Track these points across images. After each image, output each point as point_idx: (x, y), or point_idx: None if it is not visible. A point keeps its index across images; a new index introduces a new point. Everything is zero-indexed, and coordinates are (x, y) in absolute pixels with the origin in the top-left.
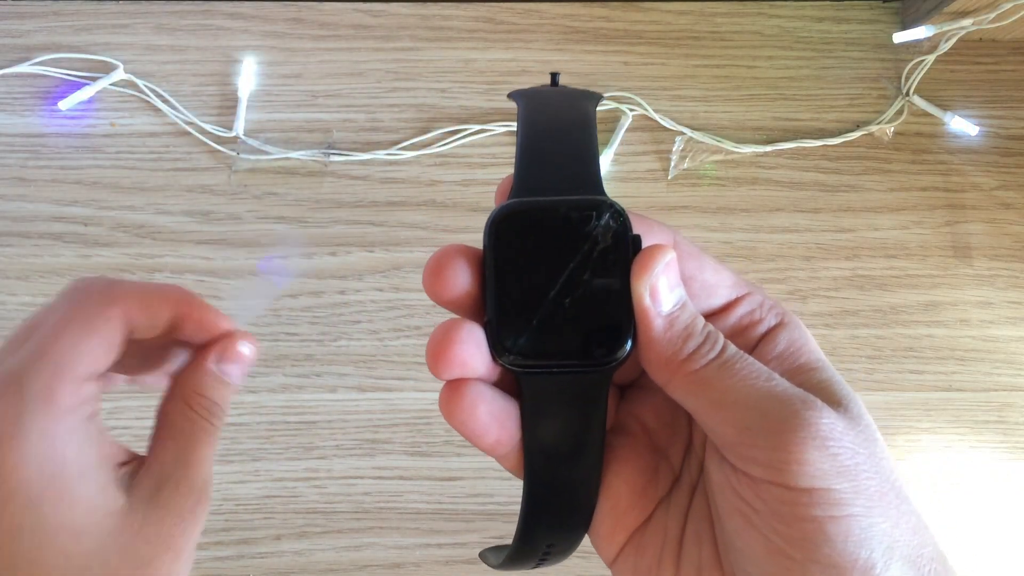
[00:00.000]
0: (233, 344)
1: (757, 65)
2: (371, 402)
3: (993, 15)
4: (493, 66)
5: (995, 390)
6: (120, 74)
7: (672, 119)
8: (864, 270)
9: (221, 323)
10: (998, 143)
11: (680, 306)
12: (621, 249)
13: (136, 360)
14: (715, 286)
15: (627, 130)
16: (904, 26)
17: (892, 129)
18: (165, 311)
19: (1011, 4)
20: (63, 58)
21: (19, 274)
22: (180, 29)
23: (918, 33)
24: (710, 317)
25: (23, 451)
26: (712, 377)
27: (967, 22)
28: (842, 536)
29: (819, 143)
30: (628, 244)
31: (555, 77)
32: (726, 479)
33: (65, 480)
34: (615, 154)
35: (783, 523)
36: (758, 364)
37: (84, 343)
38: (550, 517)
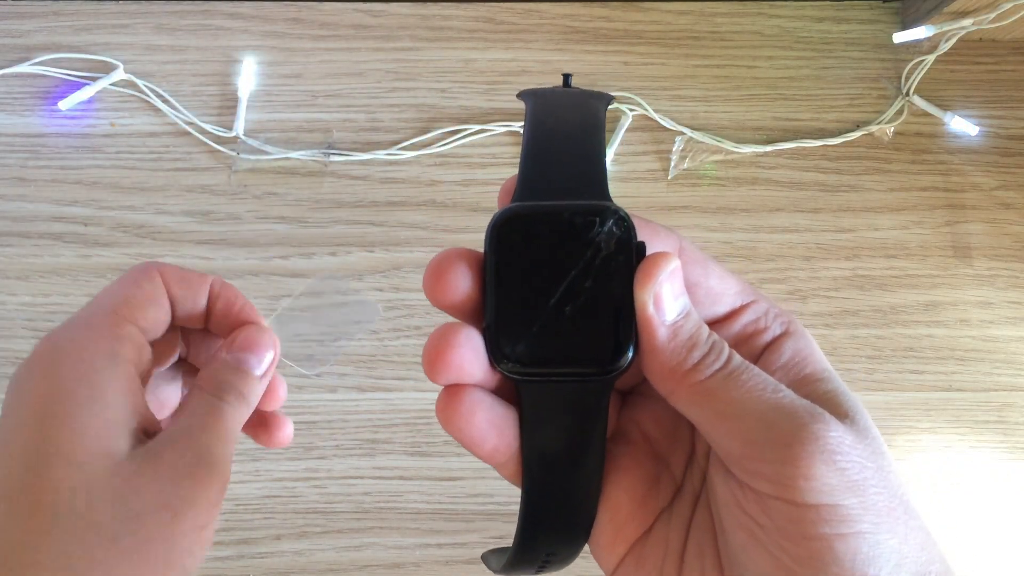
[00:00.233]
0: (247, 332)
1: (757, 65)
2: (371, 402)
3: (993, 15)
4: (493, 66)
5: (995, 390)
6: (120, 74)
7: (672, 119)
8: (864, 270)
9: (249, 312)
10: (998, 143)
11: (684, 315)
12: (625, 256)
13: (193, 350)
14: (720, 293)
15: (627, 130)
16: (904, 26)
17: (892, 129)
18: (202, 289)
19: (1011, 4)
20: (63, 58)
21: (19, 274)
22: (180, 29)
23: (918, 33)
24: (714, 325)
25: (55, 372)
26: (717, 388)
27: (967, 22)
28: (850, 555)
29: (819, 143)
30: (632, 251)
31: (567, 78)
32: (731, 494)
33: (81, 399)
34: (615, 154)
35: (790, 540)
36: (764, 375)
37: (125, 291)
38: (549, 526)
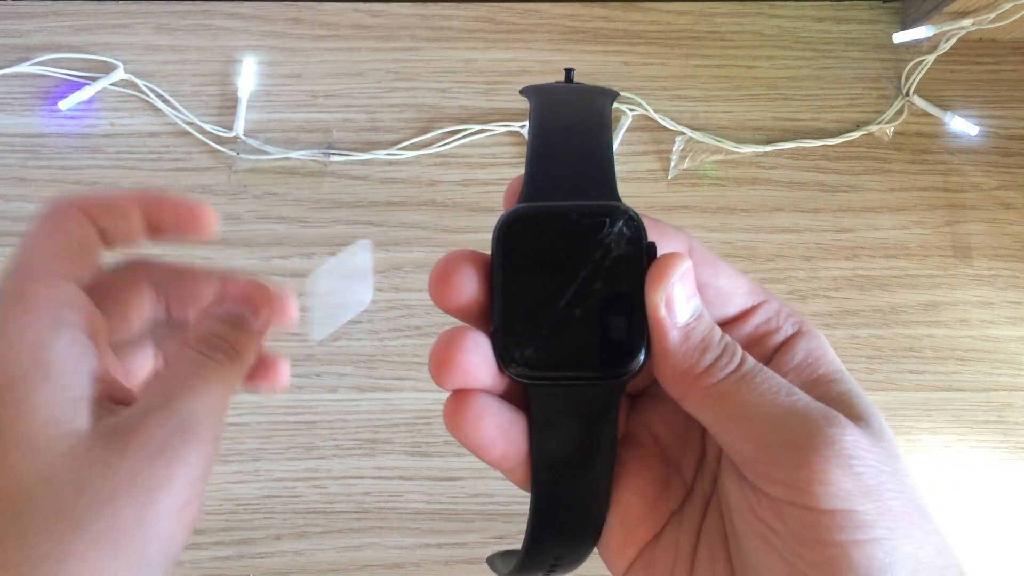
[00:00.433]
0: (243, 284)
1: (757, 65)
2: (371, 402)
3: (993, 15)
4: (493, 66)
5: (995, 390)
6: (120, 74)
7: (672, 119)
8: (864, 270)
9: (199, 213)
10: (998, 143)
11: (697, 317)
12: (635, 257)
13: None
14: (730, 293)
15: (627, 130)
16: (904, 26)
17: (892, 129)
18: (133, 210)
19: (1011, 4)
20: (63, 58)
21: None
22: (180, 29)
23: (918, 33)
24: (725, 325)
25: None
26: (730, 391)
27: (967, 22)
28: (866, 561)
29: (819, 143)
30: (642, 252)
31: (569, 73)
32: (744, 499)
33: (30, 380)
34: (615, 154)
35: (805, 547)
36: (778, 378)
37: (51, 243)
38: (558, 531)
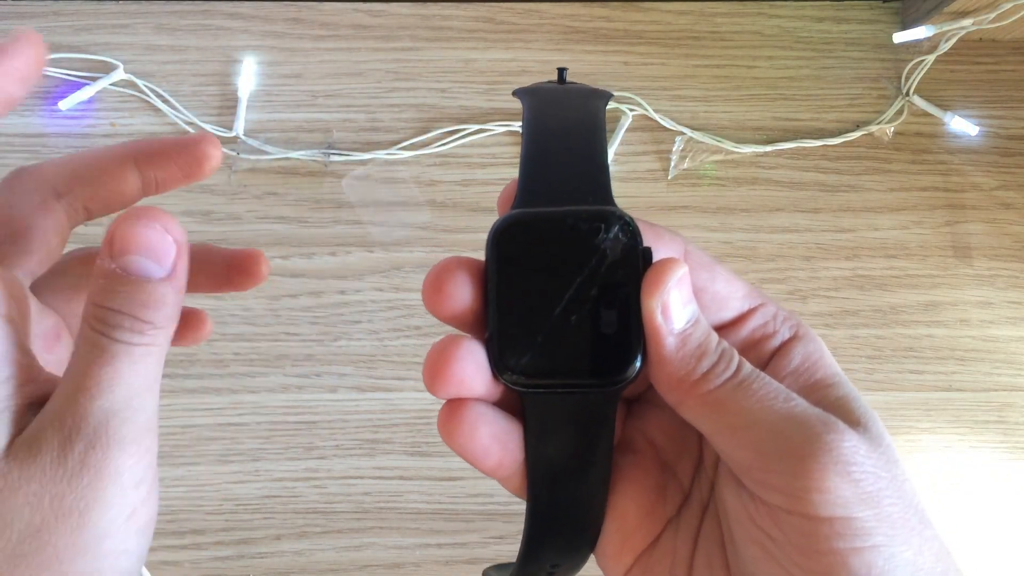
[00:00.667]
0: (125, 221)
1: (757, 65)
2: (371, 402)
3: (993, 15)
4: (493, 66)
5: (995, 390)
6: (120, 74)
7: (672, 119)
8: (864, 270)
9: (202, 150)
10: (998, 143)
11: (693, 323)
12: (631, 263)
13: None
14: (727, 298)
15: (627, 130)
16: (904, 26)
17: (892, 129)
18: (123, 173)
19: (1011, 4)
20: (63, 58)
21: None
22: (180, 29)
23: (918, 33)
24: (722, 330)
25: None
26: (727, 398)
27: (967, 22)
28: (865, 569)
29: (819, 143)
30: (638, 258)
31: (562, 73)
32: (742, 506)
33: None
34: (615, 154)
35: (803, 555)
36: (775, 383)
37: None
38: (554, 538)
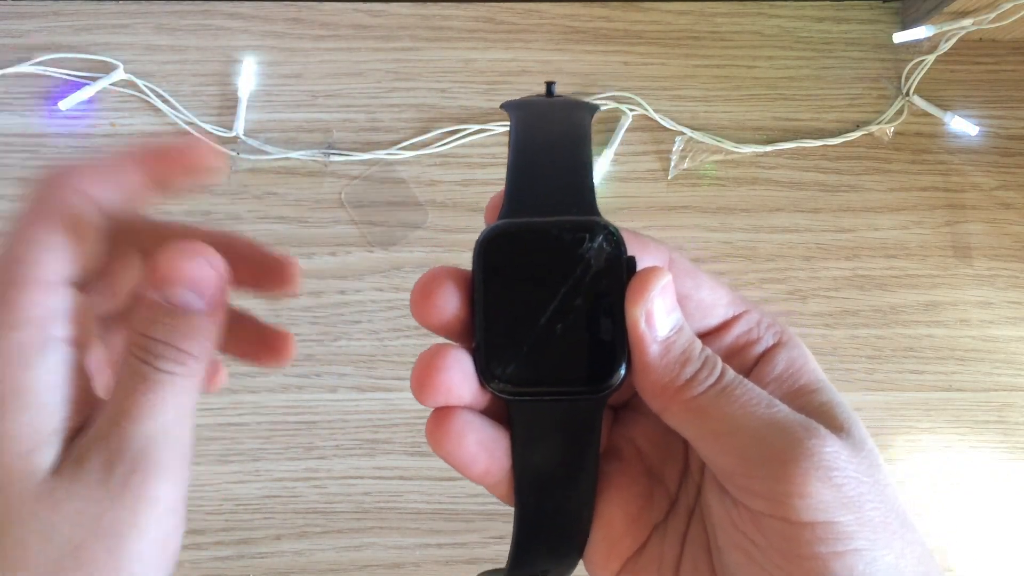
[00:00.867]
0: (171, 253)
1: (757, 65)
2: (371, 402)
3: (993, 15)
4: (493, 66)
5: (995, 390)
6: (120, 74)
7: (672, 119)
8: (864, 270)
9: (201, 155)
10: (998, 143)
11: (677, 331)
12: (615, 272)
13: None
14: (712, 305)
15: (627, 130)
16: (904, 26)
17: (892, 129)
18: (132, 172)
19: (1011, 4)
20: (63, 58)
21: None
22: (180, 29)
23: (918, 33)
24: (707, 336)
25: None
26: (710, 405)
27: (967, 22)
28: (846, 573)
29: (819, 143)
30: (622, 267)
31: (551, 87)
32: (726, 512)
33: (5, 408)
34: (615, 154)
35: (785, 559)
36: (758, 390)
37: (41, 235)
38: (542, 545)
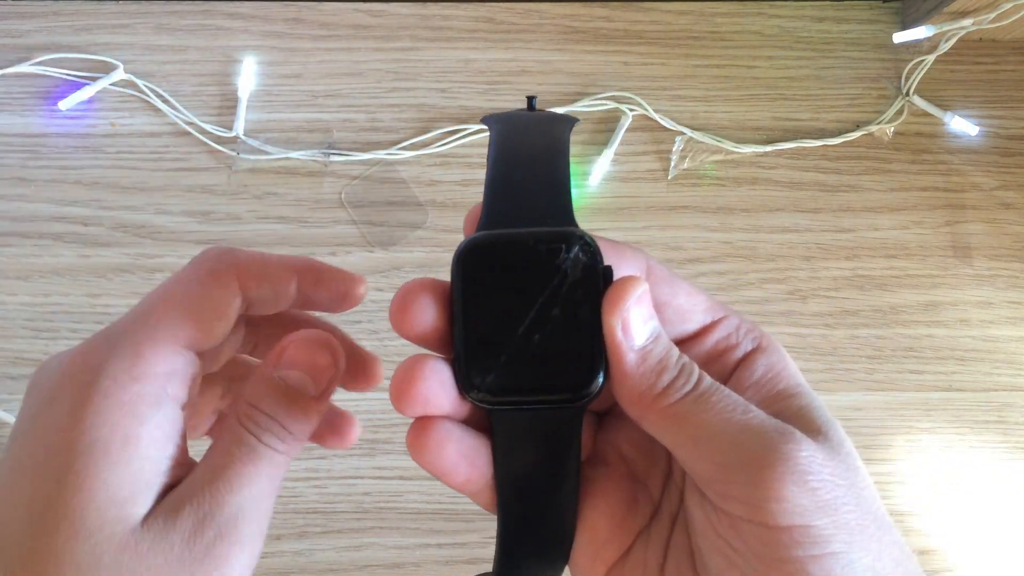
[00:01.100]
0: (300, 340)
1: (757, 65)
2: (371, 402)
3: (993, 15)
4: (493, 66)
5: (995, 390)
6: (120, 74)
7: (672, 119)
8: (864, 270)
9: (355, 289)
10: (998, 143)
11: (654, 339)
12: (591, 282)
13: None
14: (689, 311)
15: (627, 130)
16: (904, 26)
17: (892, 129)
18: (287, 279)
19: (1011, 4)
20: (63, 58)
21: (19, 274)
22: (180, 29)
23: (918, 33)
24: (685, 343)
25: (88, 412)
26: (687, 412)
27: (967, 22)
28: (824, 575)
29: (819, 143)
30: (599, 277)
31: (531, 101)
32: (706, 517)
33: (111, 453)
34: (615, 154)
35: (764, 564)
36: (734, 396)
37: (189, 302)
38: (527, 553)
